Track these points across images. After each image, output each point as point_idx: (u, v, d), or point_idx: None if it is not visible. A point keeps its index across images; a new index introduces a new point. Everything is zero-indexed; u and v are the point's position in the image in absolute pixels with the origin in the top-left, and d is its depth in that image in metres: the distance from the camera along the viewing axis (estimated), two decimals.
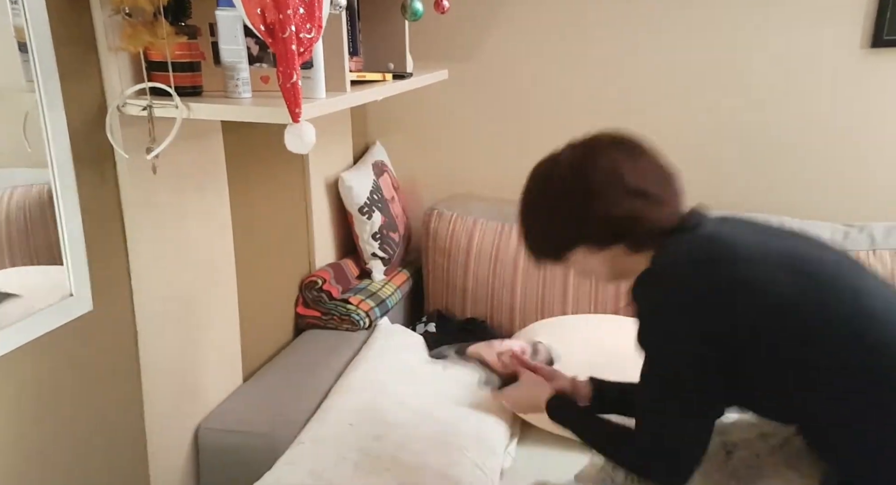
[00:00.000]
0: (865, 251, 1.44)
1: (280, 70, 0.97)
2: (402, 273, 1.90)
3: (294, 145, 0.98)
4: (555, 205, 0.95)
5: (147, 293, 1.15)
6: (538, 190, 1.00)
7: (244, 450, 1.24)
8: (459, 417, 1.38)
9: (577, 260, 0.97)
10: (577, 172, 0.93)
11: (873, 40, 1.49)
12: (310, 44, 1.02)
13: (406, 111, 2.01)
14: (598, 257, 0.95)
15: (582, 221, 0.92)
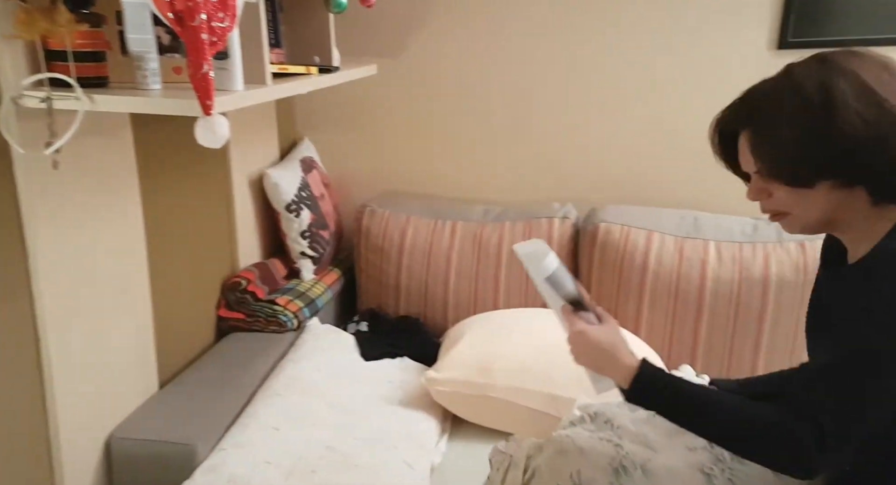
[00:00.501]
0: (773, 243, 1.56)
1: (190, 60, 0.96)
2: (333, 272, 1.89)
3: (205, 139, 0.96)
4: (796, 123, 0.81)
5: (50, 296, 1.10)
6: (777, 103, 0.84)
7: (161, 460, 1.21)
8: (389, 415, 1.39)
9: (808, 195, 0.84)
10: (821, 85, 0.80)
11: (779, 42, 1.61)
12: (223, 33, 1.00)
13: (335, 106, 2.00)
14: (829, 198, 0.83)
15: (824, 146, 0.80)
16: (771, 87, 0.87)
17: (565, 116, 1.84)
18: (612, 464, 1.03)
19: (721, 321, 1.57)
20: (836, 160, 0.81)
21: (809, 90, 0.82)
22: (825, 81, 0.81)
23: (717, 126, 0.97)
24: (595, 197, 1.85)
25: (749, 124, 0.88)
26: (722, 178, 1.73)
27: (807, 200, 0.85)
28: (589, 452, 1.06)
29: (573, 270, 1.77)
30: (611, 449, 1.06)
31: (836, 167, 0.82)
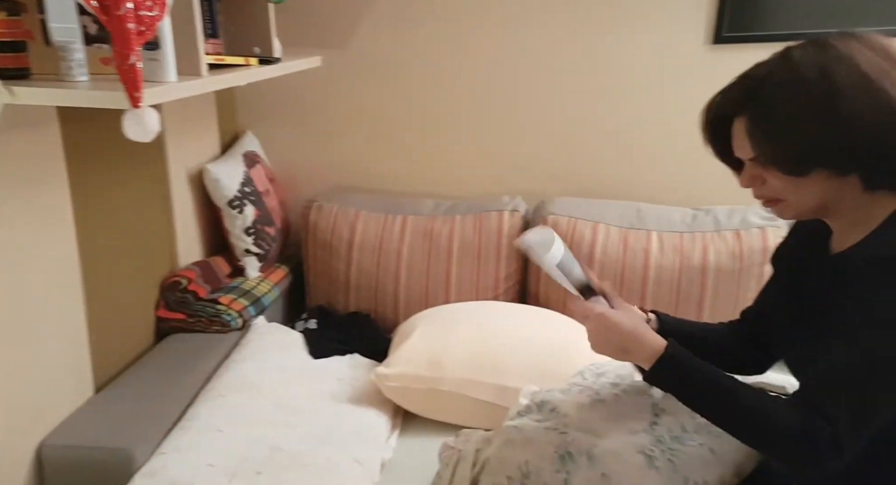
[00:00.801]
0: (711, 232, 1.63)
1: (116, 50, 0.93)
2: (279, 269, 1.87)
3: (134, 133, 0.94)
4: (796, 110, 0.81)
5: None
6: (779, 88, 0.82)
7: (96, 467, 1.18)
8: (338, 413, 1.39)
9: (803, 183, 0.84)
10: (821, 71, 0.79)
11: (715, 37, 1.68)
12: (152, 22, 0.98)
13: (280, 99, 1.97)
14: (824, 186, 0.83)
15: (823, 135, 0.80)
16: (769, 71, 0.85)
17: (513, 111, 1.87)
18: (558, 451, 1.07)
19: (663, 308, 1.59)
20: (834, 149, 0.80)
21: (810, 76, 0.80)
22: (825, 67, 0.80)
23: (711, 111, 0.93)
24: (543, 190, 1.89)
25: (746, 110, 0.86)
26: (662, 169, 1.82)
27: (801, 187, 0.85)
28: (536, 441, 1.10)
29: (522, 265, 1.80)
30: (556, 437, 1.10)
31: (833, 155, 0.81)
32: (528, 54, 1.81)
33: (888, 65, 0.80)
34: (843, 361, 0.82)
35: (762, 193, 0.90)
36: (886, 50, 0.81)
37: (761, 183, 0.89)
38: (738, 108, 0.87)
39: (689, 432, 1.07)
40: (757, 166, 0.87)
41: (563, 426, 1.13)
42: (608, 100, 1.80)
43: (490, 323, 1.56)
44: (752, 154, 0.86)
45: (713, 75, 1.67)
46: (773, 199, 0.89)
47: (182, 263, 1.66)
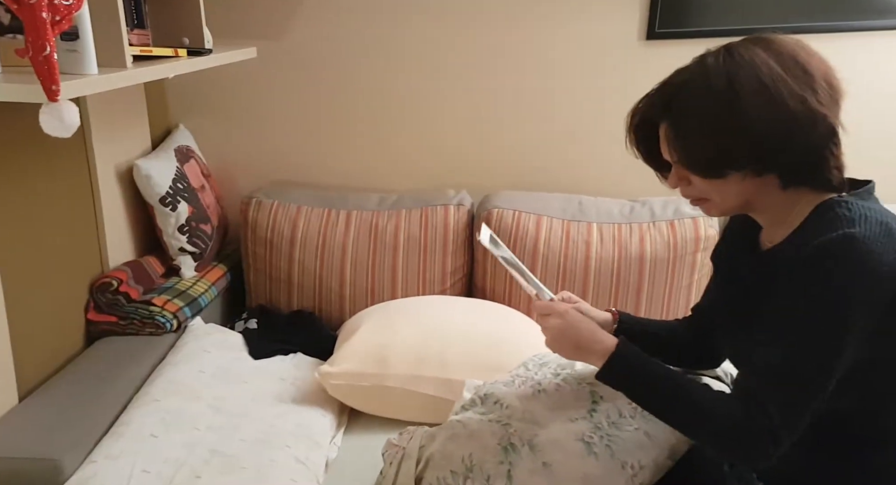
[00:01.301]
0: (647, 223, 1.70)
1: (29, 41, 0.91)
2: (217, 268, 1.84)
3: (52, 127, 0.91)
4: (704, 117, 0.87)
5: None
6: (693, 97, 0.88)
7: (23, 478, 1.14)
8: (280, 413, 1.39)
9: (723, 184, 0.89)
10: (727, 78, 0.85)
11: (648, 33, 1.75)
12: (68, 12, 0.95)
13: (214, 92, 1.94)
14: (743, 186, 0.89)
15: (730, 140, 0.85)
16: (684, 79, 0.90)
17: (455, 105, 1.89)
18: (500, 443, 1.11)
19: (604, 298, 1.69)
20: (741, 153, 0.86)
21: (716, 84, 0.86)
22: (731, 74, 0.85)
23: (634, 117, 0.99)
24: (487, 184, 1.92)
25: (666, 117, 0.91)
26: (600, 162, 1.89)
27: (722, 188, 0.90)
28: (479, 434, 1.13)
29: (469, 258, 1.84)
30: (499, 429, 1.13)
31: (742, 159, 0.86)
32: (467, 49, 1.84)
33: (787, 70, 0.85)
34: (776, 354, 0.86)
35: (689, 193, 0.96)
36: (790, 54, 0.86)
37: (687, 184, 0.94)
38: (659, 115, 0.93)
39: (626, 417, 1.12)
40: (681, 168, 0.93)
41: (506, 418, 1.16)
42: (547, 94, 1.85)
43: (436, 318, 1.58)
44: (673, 159, 0.92)
45: (647, 70, 1.75)
46: (699, 198, 0.95)
47: (112, 263, 1.61)
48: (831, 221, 0.86)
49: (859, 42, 1.71)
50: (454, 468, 1.10)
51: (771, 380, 0.86)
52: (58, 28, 0.93)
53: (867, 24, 1.70)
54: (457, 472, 1.09)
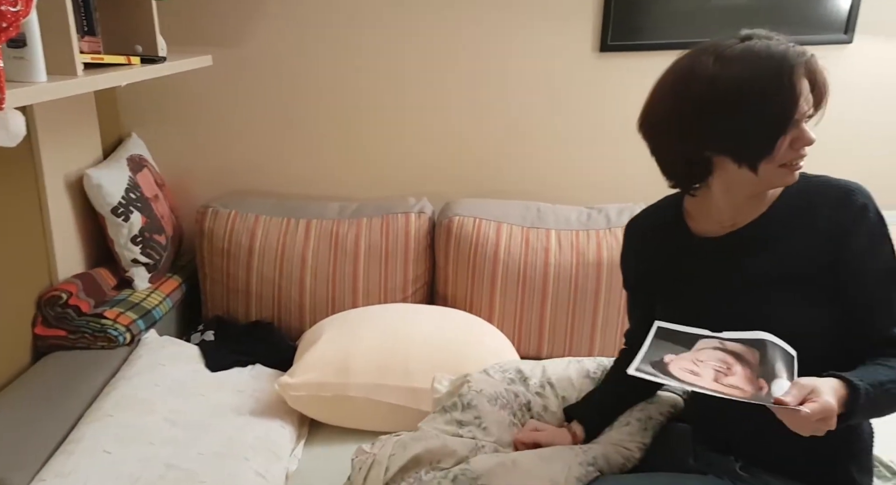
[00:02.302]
0: (603, 229, 1.77)
1: None
2: (172, 279, 1.83)
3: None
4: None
5: None
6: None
7: None
8: (239, 426, 1.39)
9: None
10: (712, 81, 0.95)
11: (601, 45, 1.83)
12: (15, 18, 0.95)
13: (168, 100, 1.93)
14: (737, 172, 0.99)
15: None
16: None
17: (415, 113, 1.93)
18: (470, 455, 1.14)
19: (563, 303, 1.74)
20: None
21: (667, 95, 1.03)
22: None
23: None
24: (447, 191, 1.96)
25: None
26: (558, 170, 1.95)
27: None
28: (451, 447, 1.16)
29: (430, 266, 1.86)
30: (472, 444, 1.18)
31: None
32: (427, 58, 1.88)
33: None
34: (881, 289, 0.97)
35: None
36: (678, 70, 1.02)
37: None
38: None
39: (550, 409, 1.20)
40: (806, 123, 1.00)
41: (482, 437, 1.21)
42: (505, 104, 1.90)
43: (398, 325, 1.60)
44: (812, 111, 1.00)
45: (601, 80, 1.86)
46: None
47: (62, 275, 1.59)
48: (823, 178, 1.03)
49: None
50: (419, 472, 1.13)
51: (893, 319, 0.97)
52: (4, 35, 0.93)
53: (810, 38, 1.81)
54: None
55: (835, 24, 1.79)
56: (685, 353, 0.96)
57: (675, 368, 0.94)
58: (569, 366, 1.39)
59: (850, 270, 0.99)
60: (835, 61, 1.84)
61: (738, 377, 0.91)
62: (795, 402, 0.85)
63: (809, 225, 1.01)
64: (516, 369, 1.38)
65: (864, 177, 1.41)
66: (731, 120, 0.95)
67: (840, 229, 0.99)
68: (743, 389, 0.89)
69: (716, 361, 0.94)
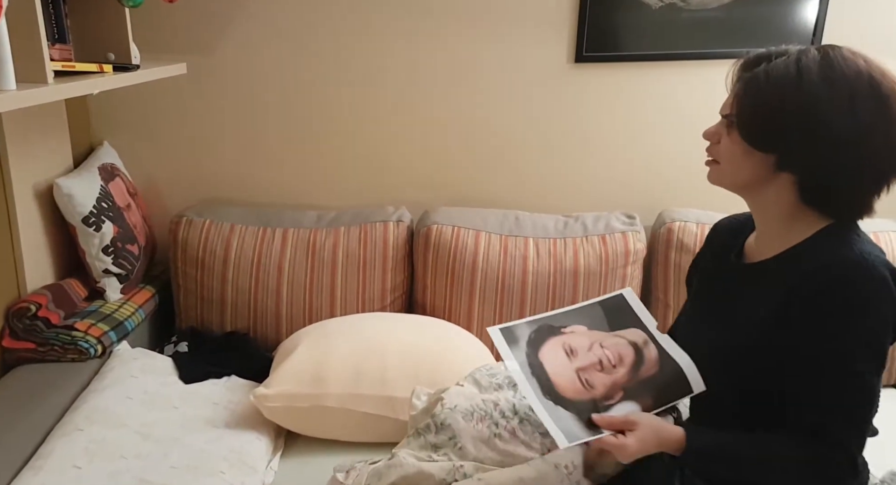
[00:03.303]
0: (580, 237, 1.79)
1: None
2: (145, 290, 1.81)
3: None
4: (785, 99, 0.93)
5: None
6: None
7: None
8: (213, 439, 1.38)
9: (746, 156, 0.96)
10: (824, 80, 0.91)
11: (576, 56, 1.86)
12: None
13: (142, 108, 1.92)
14: (761, 170, 0.95)
15: (797, 132, 0.91)
16: (785, 63, 0.94)
17: (392, 122, 1.94)
18: (447, 478, 1.13)
19: (541, 311, 1.75)
20: (793, 139, 0.91)
21: (812, 80, 0.91)
22: (828, 79, 0.90)
23: (739, 64, 1.03)
24: (425, 200, 1.97)
25: (749, 72, 0.97)
26: (535, 179, 1.98)
27: (744, 159, 0.96)
28: (428, 473, 1.15)
29: (409, 275, 1.87)
30: (448, 466, 1.16)
31: (791, 151, 0.92)
32: (405, 67, 1.89)
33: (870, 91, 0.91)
34: (833, 386, 0.91)
35: (712, 151, 1.02)
36: (881, 73, 0.93)
37: (716, 142, 1.00)
38: (748, 68, 0.98)
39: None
40: (725, 126, 0.98)
41: (458, 457, 1.19)
42: (483, 113, 1.92)
43: (376, 335, 1.60)
44: (730, 111, 0.97)
45: (576, 90, 1.89)
46: (714, 160, 1.01)
47: (30, 287, 1.57)
48: (844, 242, 0.93)
49: None
50: None
51: (837, 416, 0.91)
52: None
53: None
54: None
55: (802, 36, 1.85)
56: (600, 332, 1.01)
57: (557, 340, 0.99)
58: None
59: (790, 362, 0.94)
60: None
61: (606, 377, 0.97)
62: (605, 423, 0.92)
63: (791, 286, 0.94)
64: (505, 374, 1.38)
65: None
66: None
67: (800, 306, 0.92)
68: (594, 387, 0.96)
69: (612, 354, 0.99)
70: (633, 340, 1.04)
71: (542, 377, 0.99)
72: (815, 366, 0.92)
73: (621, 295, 1.02)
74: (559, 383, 0.99)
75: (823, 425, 0.92)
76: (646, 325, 1.04)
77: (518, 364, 1.00)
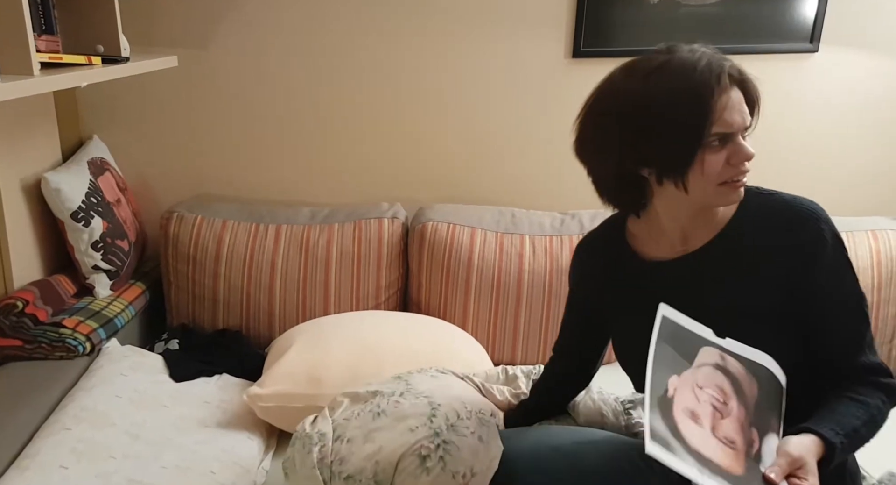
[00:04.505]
0: (577, 235, 1.77)
1: None
2: (135, 286, 1.79)
3: None
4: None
5: None
6: None
7: None
8: (205, 439, 1.36)
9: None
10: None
11: (574, 51, 1.86)
12: None
13: (132, 101, 1.89)
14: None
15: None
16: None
17: (387, 118, 1.92)
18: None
19: (537, 309, 1.75)
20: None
21: None
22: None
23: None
24: (420, 197, 1.96)
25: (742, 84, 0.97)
26: (532, 176, 1.96)
27: None
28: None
29: (403, 272, 1.85)
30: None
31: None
32: (401, 63, 1.88)
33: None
34: (856, 320, 0.97)
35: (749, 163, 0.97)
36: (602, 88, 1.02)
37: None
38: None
39: (463, 418, 1.15)
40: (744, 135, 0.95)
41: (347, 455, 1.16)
42: (480, 109, 1.91)
43: (371, 333, 1.59)
44: (749, 122, 0.95)
45: (574, 86, 1.88)
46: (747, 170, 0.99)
47: (18, 283, 1.54)
48: (778, 197, 1.00)
49: (765, 64, 1.86)
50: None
51: (871, 345, 0.98)
52: None
53: (777, 47, 1.86)
54: None
55: (801, 33, 1.84)
56: (687, 372, 0.91)
57: (680, 411, 0.88)
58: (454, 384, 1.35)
59: (814, 299, 0.98)
60: (801, 70, 1.89)
61: (733, 421, 0.89)
62: (781, 477, 0.85)
63: (768, 250, 0.99)
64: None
65: (829, 185, 1.47)
66: (648, 134, 0.94)
67: (801, 257, 0.97)
68: (735, 441, 0.88)
69: (714, 390, 0.91)
70: (714, 362, 0.94)
71: (713, 468, 0.86)
72: (841, 305, 0.98)
73: (664, 317, 0.94)
74: (721, 461, 0.87)
75: (870, 359, 0.97)
76: (706, 337, 0.96)
77: (697, 472, 0.85)
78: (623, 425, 1.29)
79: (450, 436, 1.11)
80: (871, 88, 1.91)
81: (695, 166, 0.93)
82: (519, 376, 1.46)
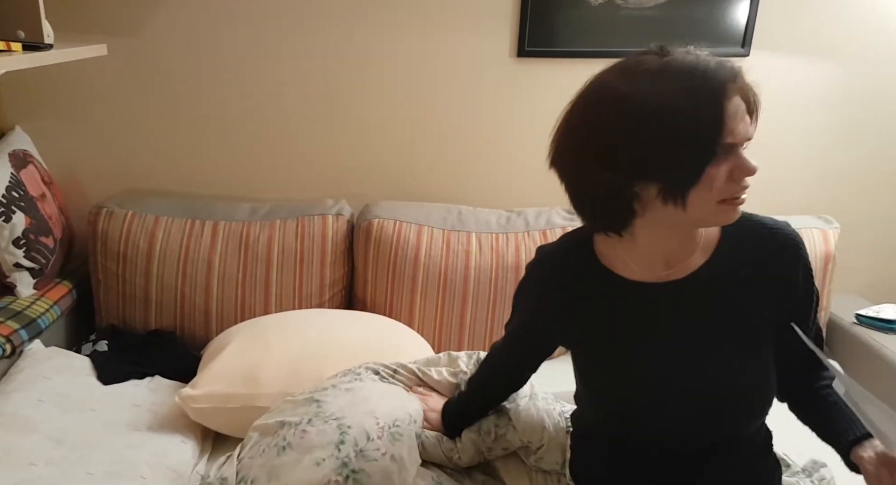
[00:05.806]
0: (522, 232, 1.82)
1: None
2: (61, 285, 1.73)
3: None
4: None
5: None
6: None
7: None
8: (134, 442, 1.33)
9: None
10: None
11: (518, 51, 1.89)
12: None
13: (58, 91, 1.82)
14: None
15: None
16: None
17: (331, 113, 1.91)
18: None
19: (483, 306, 1.77)
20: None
21: None
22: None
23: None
24: (367, 193, 1.95)
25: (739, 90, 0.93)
26: (477, 173, 1.99)
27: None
28: None
29: (348, 269, 1.84)
30: None
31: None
32: (345, 57, 1.87)
33: None
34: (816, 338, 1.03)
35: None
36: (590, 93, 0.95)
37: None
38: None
39: (374, 439, 1.15)
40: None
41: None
42: (425, 106, 1.92)
43: (312, 332, 1.58)
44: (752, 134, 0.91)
45: (518, 84, 1.92)
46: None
47: None
48: (757, 221, 1.01)
49: None
50: None
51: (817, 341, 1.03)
52: None
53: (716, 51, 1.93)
54: None
55: (733, 37, 1.93)
56: None
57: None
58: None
59: (795, 320, 0.98)
60: None
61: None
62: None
63: (756, 278, 0.98)
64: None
65: (758, 185, 1.50)
66: (656, 143, 0.85)
67: (786, 285, 0.99)
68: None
69: None
70: None
71: None
72: (807, 323, 1.02)
73: (839, 378, 0.91)
74: None
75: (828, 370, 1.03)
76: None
77: None
78: (562, 443, 1.28)
79: (359, 464, 1.10)
80: (799, 91, 2.02)
81: (702, 180, 0.85)
82: (461, 355, 1.48)
